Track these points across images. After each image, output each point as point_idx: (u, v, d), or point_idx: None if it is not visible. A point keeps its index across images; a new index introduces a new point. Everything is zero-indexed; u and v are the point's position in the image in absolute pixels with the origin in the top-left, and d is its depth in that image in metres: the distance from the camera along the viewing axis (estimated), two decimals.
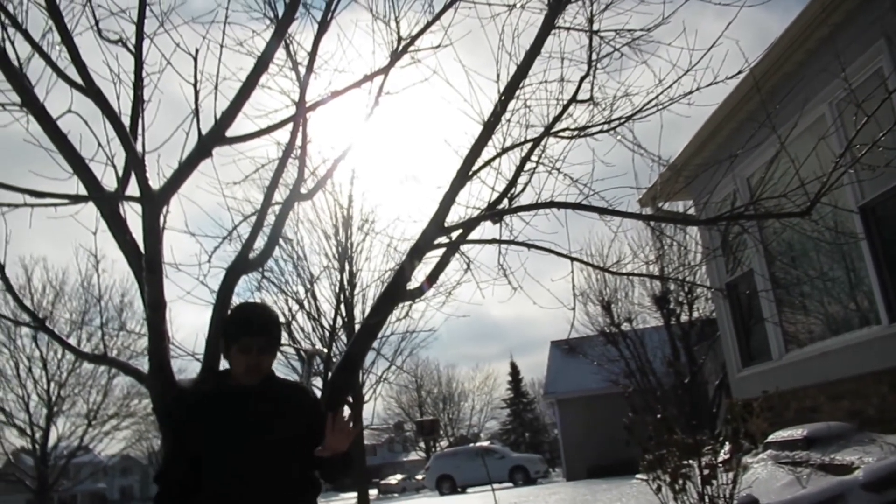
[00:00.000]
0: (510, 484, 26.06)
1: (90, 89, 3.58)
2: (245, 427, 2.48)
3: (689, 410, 14.68)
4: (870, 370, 6.45)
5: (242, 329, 2.51)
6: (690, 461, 5.27)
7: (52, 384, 23.47)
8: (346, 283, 17.39)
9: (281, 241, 15.95)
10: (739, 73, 4.74)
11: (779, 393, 6.95)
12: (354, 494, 20.70)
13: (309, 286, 17.25)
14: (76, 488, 42.44)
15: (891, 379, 6.18)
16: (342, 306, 17.12)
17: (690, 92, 4.88)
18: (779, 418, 7.81)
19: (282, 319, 15.33)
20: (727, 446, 5.51)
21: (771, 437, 6.62)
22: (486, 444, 35.94)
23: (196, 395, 2.70)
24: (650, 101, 4.92)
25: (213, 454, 2.46)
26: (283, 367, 17.49)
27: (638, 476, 6.41)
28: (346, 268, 17.49)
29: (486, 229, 5.23)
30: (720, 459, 5.36)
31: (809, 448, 5.89)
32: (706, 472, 5.17)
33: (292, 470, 2.52)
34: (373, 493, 38.79)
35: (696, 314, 18.60)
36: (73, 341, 21.11)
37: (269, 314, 2.64)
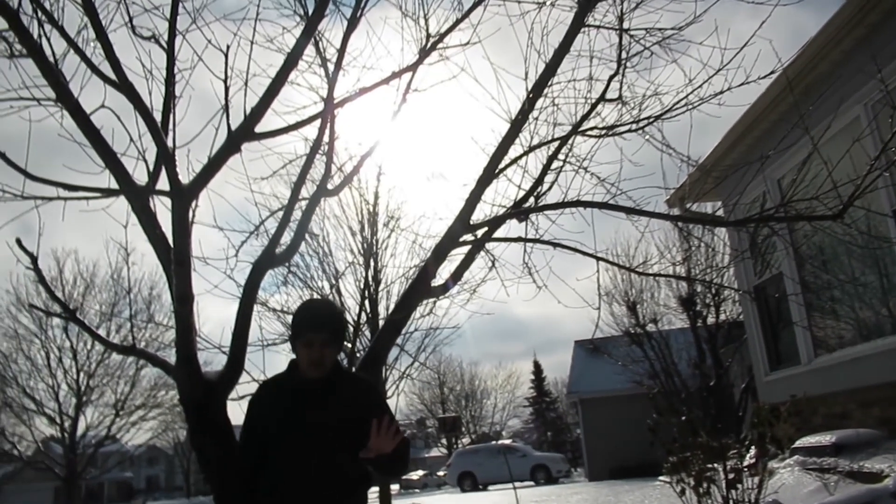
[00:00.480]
0: (532, 483, 26.01)
1: (123, 85, 3.63)
2: (305, 417, 2.60)
3: (714, 413, 14.54)
4: None
5: (305, 324, 2.66)
6: (715, 465, 5.22)
7: (82, 374, 23.96)
8: (370, 279, 17.47)
9: (307, 236, 16.07)
10: (772, 72, 4.66)
11: (807, 398, 6.84)
12: (377, 489, 20.80)
13: (334, 282, 17.35)
14: (103, 477, 43.25)
15: None
16: (367, 302, 17.21)
17: (721, 92, 4.82)
18: (806, 424, 7.69)
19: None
20: (753, 450, 5.44)
21: (798, 443, 6.52)
22: (507, 442, 35.90)
23: (269, 386, 2.83)
24: (680, 101, 4.87)
25: (275, 442, 2.60)
26: None
27: (661, 478, 6.35)
28: (372, 264, 17.56)
29: (512, 227, 5.22)
30: (745, 464, 5.29)
31: (838, 455, 5.80)
32: (731, 476, 5.11)
33: (347, 460, 2.61)
34: (394, 488, 38.95)
35: (722, 316, 18.41)
36: (102, 332, 21.50)
37: (331, 309, 2.83)
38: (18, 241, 4.15)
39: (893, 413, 6.45)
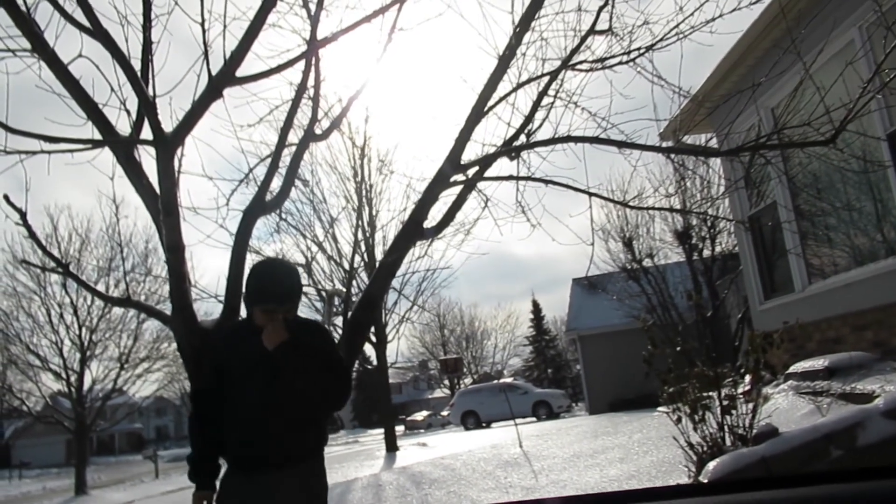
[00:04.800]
0: (534, 418, 26.55)
1: (98, 32, 3.54)
2: (263, 361, 2.67)
3: (710, 344, 14.74)
4: (895, 300, 6.40)
5: (266, 297, 2.70)
6: (710, 393, 5.31)
7: (84, 329, 24.11)
8: (365, 223, 17.46)
9: (299, 183, 15.98)
10: None
11: (801, 324, 6.93)
12: (382, 431, 21.23)
13: (329, 227, 17.35)
14: (113, 428, 44.08)
15: None
16: (362, 246, 17.23)
17: (713, 19, 4.71)
18: (801, 350, 7.81)
19: (301, 261, 15.46)
20: (748, 378, 5.53)
21: (792, 368, 6.63)
22: (509, 380, 36.48)
23: (222, 331, 2.96)
24: (671, 30, 4.76)
25: (233, 385, 2.72)
26: (304, 308, 17.79)
27: (659, 408, 6.48)
28: (366, 208, 17.53)
29: (504, 166, 5.18)
30: (740, 391, 5.39)
31: (831, 378, 5.90)
32: (726, 402, 5.21)
33: (304, 407, 2.72)
34: (399, 429, 39.77)
35: (718, 249, 18.51)
36: (101, 287, 21.59)
37: (292, 280, 2.81)
38: (6, 198, 4.12)
39: (885, 335, 6.54)
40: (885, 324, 6.55)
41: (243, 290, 2.84)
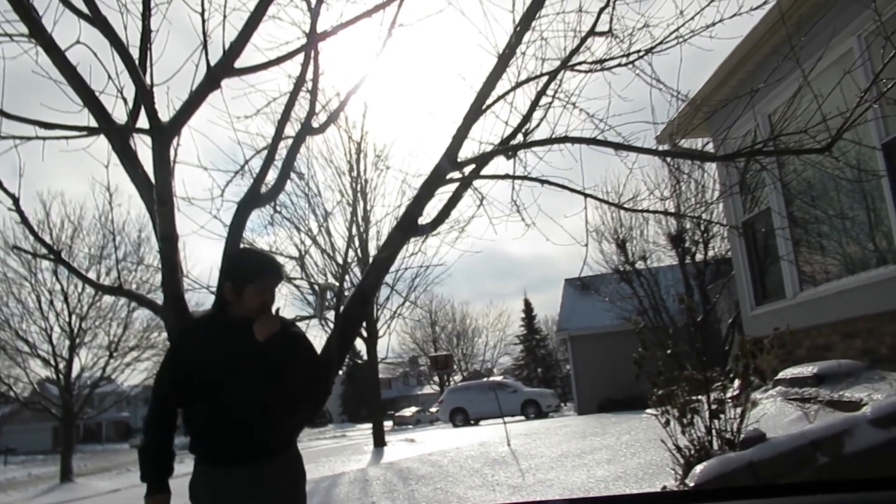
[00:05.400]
0: (522, 417, 26.60)
1: (97, 18, 3.52)
2: (251, 353, 2.65)
3: (700, 348, 14.78)
4: (886, 309, 6.43)
5: (265, 270, 2.73)
6: (699, 396, 5.33)
7: (74, 317, 24.00)
8: (359, 218, 17.44)
9: (294, 176, 15.95)
10: (765, 2, 4.57)
11: (791, 331, 6.95)
12: (370, 426, 21.24)
13: (323, 221, 17.33)
14: (101, 416, 43.98)
15: None
16: (356, 241, 17.21)
17: (713, 24, 4.72)
18: (790, 356, 7.85)
19: (294, 254, 15.45)
20: (737, 382, 5.56)
21: (781, 374, 6.66)
22: (499, 378, 36.53)
23: (198, 325, 2.92)
24: (671, 34, 4.77)
25: (215, 379, 2.65)
26: (296, 301, 17.77)
27: (648, 410, 6.50)
28: (361, 203, 17.51)
29: (500, 165, 5.18)
30: (729, 395, 5.41)
31: (819, 385, 5.93)
32: (714, 406, 5.23)
33: (280, 401, 2.70)
34: (388, 424, 39.75)
35: (711, 253, 18.56)
36: (92, 275, 21.49)
37: (276, 258, 2.92)
38: None
39: (874, 344, 6.58)
40: (875, 332, 6.59)
41: (227, 275, 2.77)
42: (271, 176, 4.57)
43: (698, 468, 4.58)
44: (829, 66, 6.66)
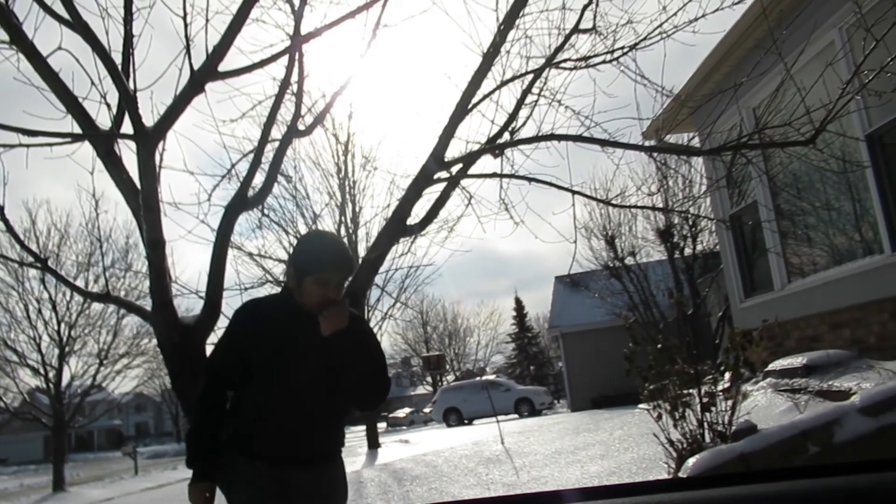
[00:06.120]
0: (515, 415, 26.63)
1: (78, 24, 3.50)
2: (309, 347, 2.44)
3: (690, 342, 14.87)
4: (872, 298, 6.48)
5: (326, 262, 2.44)
6: (691, 390, 5.35)
7: (63, 325, 23.83)
8: (348, 220, 17.42)
9: (282, 179, 15.90)
10: None
11: (780, 323, 7.00)
12: (363, 427, 21.21)
13: (312, 224, 17.28)
14: (92, 425, 43.74)
15: (892, 307, 6.21)
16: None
17: (696, 19, 4.75)
18: (780, 348, 7.90)
19: (284, 257, 15.41)
20: (727, 375, 5.59)
21: (771, 366, 6.70)
22: (491, 377, 36.56)
23: (260, 305, 2.62)
24: (654, 30, 4.81)
25: (272, 366, 2.44)
26: None
27: (640, 405, 6.54)
28: (349, 205, 17.48)
29: (488, 164, 5.19)
30: (720, 388, 5.44)
31: (808, 375, 5.96)
32: (706, 400, 5.25)
33: (339, 399, 2.54)
34: (381, 425, 39.73)
35: (699, 247, 18.64)
36: (80, 283, 21.35)
37: (347, 249, 2.58)
38: None
39: (862, 333, 6.63)
40: (863, 322, 6.64)
41: (291, 261, 2.53)
42: (258, 179, 4.57)
43: (691, 461, 4.60)
44: (812, 59, 6.71)
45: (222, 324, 3.92)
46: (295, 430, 2.46)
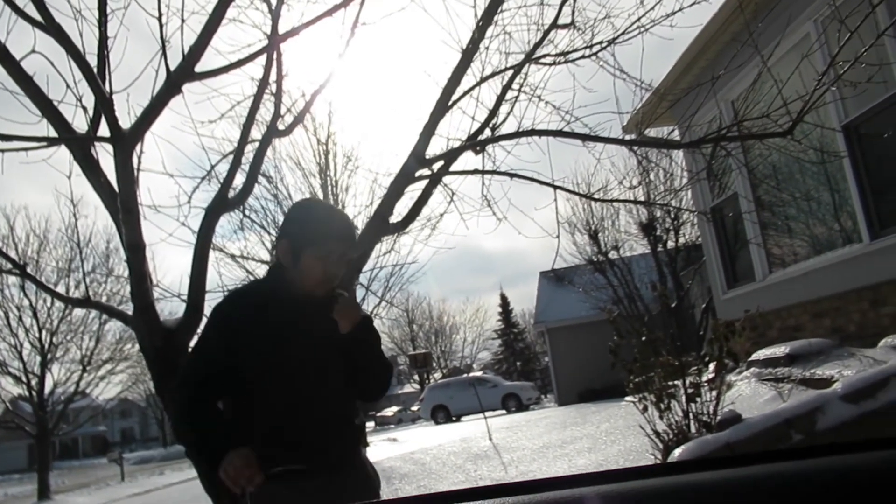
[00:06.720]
0: (503, 411, 26.68)
1: (51, 26, 3.45)
2: (315, 334, 2.12)
3: (674, 334, 14.97)
4: (852, 287, 6.56)
5: (327, 233, 2.11)
6: (676, 381, 5.39)
7: (44, 332, 23.58)
8: None
9: (263, 179, 15.80)
10: None
11: (762, 313, 7.06)
12: None
13: None
14: (76, 432, 43.27)
15: (871, 295, 6.29)
16: None
17: (673, 13, 4.78)
18: (763, 337, 7.97)
19: (266, 258, 15.35)
20: (712, 366, 5.63)
21: (754, 356, 6.76)
22: (478, 374, 36.61)
23: (247, 296, 2.24)
24: (632, 24, 4.82)
25: (275, 362, 2.06)
26: None
27: (626, 398, 6.57)
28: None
29: (469, 160, 5.20)
30: (705, 379, 5.48)
31: (791, 364, 6.02)
32: (691, 391, 5.29)
33: (349, 390, 2.24)
34: (370, 424, 39.66)
35: (682, 240, 18.78)
36: (61, 288, 21.12)
37: (347, 216, 2.28)
38: None
39: (843, 322, 6.71)
40: (843, 311, 6.72)
41: (284, 231, 2.19)
42: (239, 180, 4.53)
43: (677, 451, 4.63)
44: (788, 52, 6.77)
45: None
46: (316, 434, 2.08)
